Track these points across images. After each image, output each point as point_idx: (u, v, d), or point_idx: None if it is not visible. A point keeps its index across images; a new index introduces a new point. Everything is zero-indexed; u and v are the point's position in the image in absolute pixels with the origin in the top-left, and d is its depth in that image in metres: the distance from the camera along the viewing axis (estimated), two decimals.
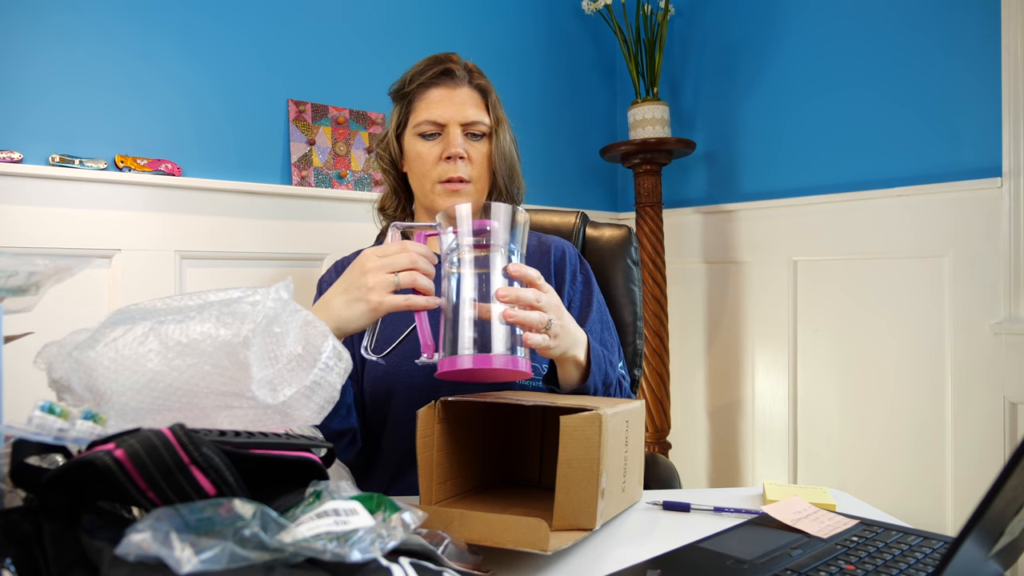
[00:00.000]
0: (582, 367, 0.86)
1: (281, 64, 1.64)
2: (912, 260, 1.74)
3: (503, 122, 1.07)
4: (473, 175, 1.03)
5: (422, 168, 1.03)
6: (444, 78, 1.03)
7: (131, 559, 0.36)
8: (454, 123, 1.02)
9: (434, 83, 1.04)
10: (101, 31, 1.39)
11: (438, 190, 1.03)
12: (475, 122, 1.03)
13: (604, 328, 1.04)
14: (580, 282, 1.06)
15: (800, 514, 0.70)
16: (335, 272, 1.09)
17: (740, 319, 2.13)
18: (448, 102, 1.02)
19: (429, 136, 1.03)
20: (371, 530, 0.42)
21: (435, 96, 1.03)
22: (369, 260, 0.77)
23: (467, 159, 1.02)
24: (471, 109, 1.03)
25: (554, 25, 2.28)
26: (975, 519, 0.38)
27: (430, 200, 1.04)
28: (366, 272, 0.77)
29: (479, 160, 1.04)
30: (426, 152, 1.03)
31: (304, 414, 0.55)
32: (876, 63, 1.83)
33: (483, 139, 1.05)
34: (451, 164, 1.01)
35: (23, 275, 0.49)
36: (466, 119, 1.02)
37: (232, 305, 0.53)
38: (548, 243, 1.09)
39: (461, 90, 1.04)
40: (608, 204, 2.49)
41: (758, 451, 2.08)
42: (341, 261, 1.12)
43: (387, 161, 1.10)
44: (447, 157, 1.01)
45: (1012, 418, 1.58)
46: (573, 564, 0.61)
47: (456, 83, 1.04)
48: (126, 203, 1.39)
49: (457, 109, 1.02)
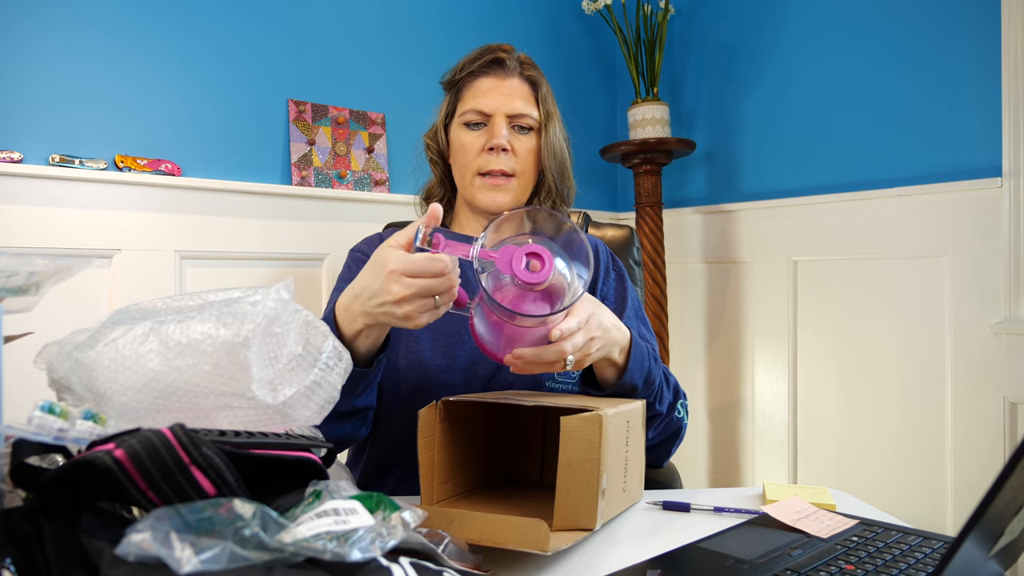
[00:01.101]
0: (618, 367, 0.83)
1: (281, 64, 1.64)
2: (912, 260, 1.74)
3: (553, 117, 1.03)
4: (517, 169, 1.00)
5: (464, 159, 1.00)
6: (494, 67, 1.00)
7: (131, 559, 0.36)
8: (500, 114, 0.98)
9: (484, 72, 1.00)
10: (101, 31, 1.39)
11: (477, 183, 1.00)
12: (522, 114, 0.99)
13: (641, 324, 1.01)
14: (613, 278, 1.05)
15: (800, 514, 0.70)
16: (372, 244, 1.06)
17: (740, 319, 2.13)
18: (496, 92, 0.99)
19: (474, 126, 1.00)
20: (371, 529, 0.42)
21: (483, 86, 1.00)
22: (396, 283, 0.68)
23: (511, 152, 0.99)
24: (519, 101, 1.00)
25: (554, 25, 2.28)
26: (975, 519, 0.38)
27: (470, 193, 1.01)
28: (399, 299, 0.68)
29: (524, 154, 1.00)
30: (469, 142, 0.99)
31: (304, 414, 0.55)
32: (876, 63, 1.83)
33: (530, 133, 1.01)
34: (493, 156, 0.98)
35: (23, 275, 0.49)
36: (513, 110, 0.99)
37: (232, 305, 0.53)
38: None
39: (511, 81, 1.00)
40: (608, 204, 2.49)
41: (758, 451, 2.08)
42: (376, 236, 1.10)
43: (434, 151, 1.07)
44: (489, 148, 0.98)
45: (1012, 418, 1.58)
46: (573, 564, 0.61)
47: (506, 73, 1.00)
48: (126, 203, 1.39)
49: (504, 100, 0.99)
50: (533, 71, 1.03)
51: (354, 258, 1.06)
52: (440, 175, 1.09)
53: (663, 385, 0.89)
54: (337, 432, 0.88)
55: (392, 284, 0.68)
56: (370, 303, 0.72)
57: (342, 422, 0.86)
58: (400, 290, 0.68)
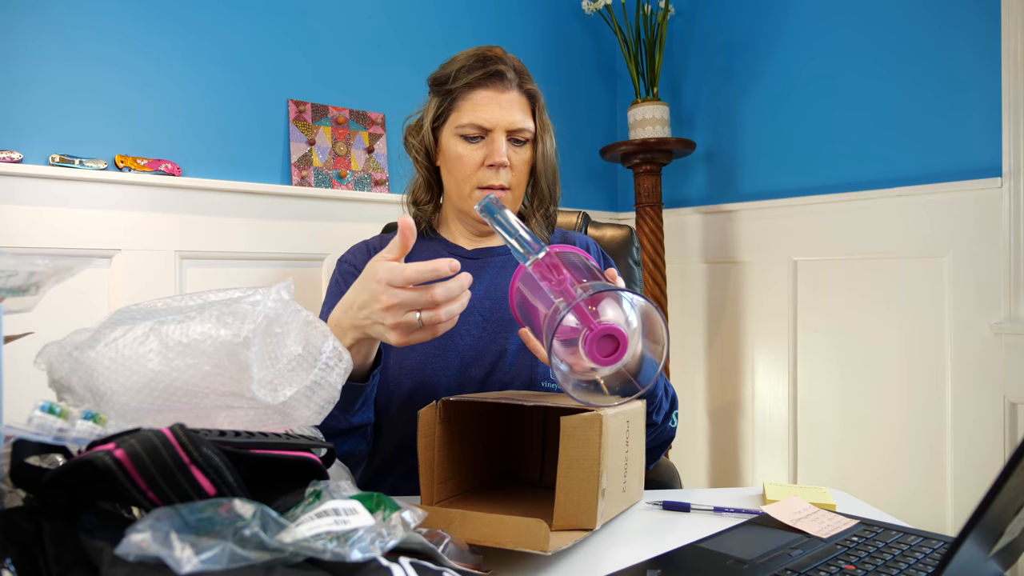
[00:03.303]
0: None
1: (281, 64, 1.64)
2: (912, 260, 1.74)
3: (548, 128, 1.04)
4: (513, 182, 1.01)
5: (462, 171, 1.00)
6: (494, 80, 0.98)
7: (131, 559, 0.36)
8: (500, 129, 0.98)
9: (482, 84, 0.99)
10: (101, 31, 1.39)
11: (476, 195, 1.00)
12: (521, 129, 0.99)
13: None
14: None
15: (800, 514, 0.70)
16: (359, 254, 1.07)
17: (740, 319, 2.13)
18: (496, 106, 0.98)
19: (472, 139, 0.99)
20: (371, 529, 0.42)
21: (482, 98, 0.98)
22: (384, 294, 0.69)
23: (509, 166, 0.99)
24: (518, 115, 0.99)
25: (554, 25, 2.28)
26: (975, 519, 0.38)
27: (467, 205, 1.01)
28: (386, 308, 0.69)
29: (519, 166, 1.01)
30: (468, 155, 0.99)
31: (304, 414, 0.55)
32: (876, 63, 1.83)
33: (526, 145, 1.02)
34: (492, 172, 0.98)
35: (23, 275, 0.49)
36: (512, 125, 0.98)
37: (232, 305, 0.53)
38: (572, 239, 1.11)
39: (509, 94, 0.99)
40: (608, 204, 2.49)
41: (758, 451, 2.08)
42: (363, 244, 1.10)
43: (420, 152, 1.05)
44: (490, 164, 0.98)
45: (1012, 418, 1.58)
46: (573, 564, 0.61)
47: (505, 86, 0.99)
48: (126, 203, 1.39)
49: (504, 114, 0.98)
50: (531, 84, 1.03)
51: (342, 270, 1.06)
52: (426, 175, 1.08)
53: (663, 397, 0.90)
54: (339, 450, 0.88)
55: (380, 294, 0.69)
56: (359, 314, 0.72)
57: (342, 439, 0.86)
58: (387, 299, 0.68)
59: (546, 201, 1.08)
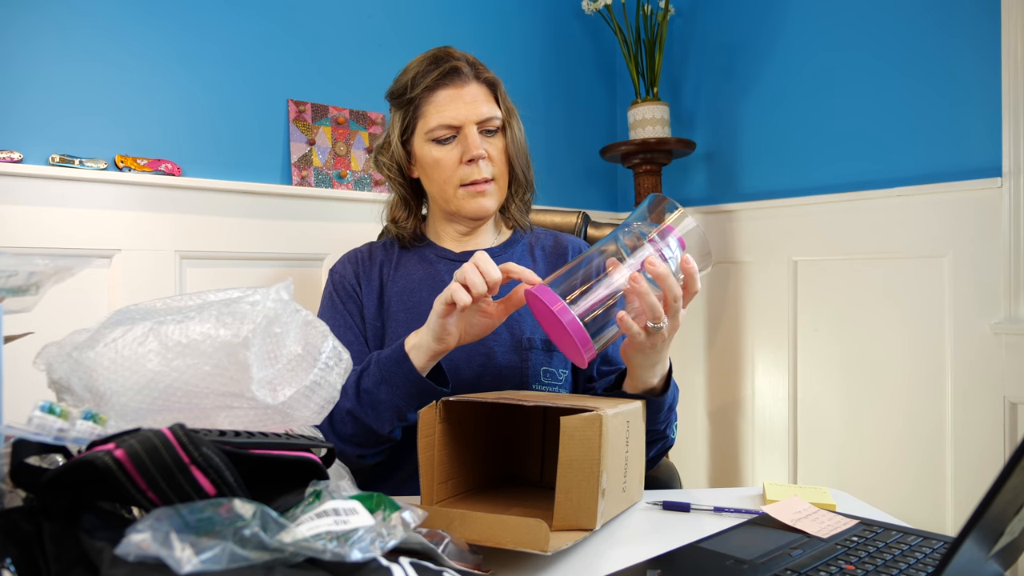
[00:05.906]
0: (656, 391, 0.84)
1: (281, 64, 1.64)
2: (912, 260, 1.74)
3: (513, 112, 1.04)
4: (496, 172, 1.01)
5: (442, 174, 1.00)
6: (451, 77, 0.98)
7: (131, 559, 0.36)
8: (469, 123, 0.98)
9: (440, 84, 0.99)
10: (101, 31, 1.39)
11: (461, 194, 1.00)
12: (489, 118, 0.99)
13: None
14: None
15: (800, 514, 0.70)
16: (348, 264, 1.08)
17: (740, 319, 2.13)
18: (459, 102, 0.98)
19: (444, 140, 0.99)
20: (371, 529, 0.42)
21: (443, 98, 0.98)
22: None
23: (487, 158, 1.00)
24: (483, 106, 0.99)
25: (554, 25, 2.28)
26: (975, 519, 0.38)
27: (455, 205, 1.01)
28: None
29: (498, 156, 1.01)
30: (444, 157, 0.99)
31: (304, 414, 0.55)
32: (876, 63, 1.83)
33: (497, 134, 1.02)
34: (473, 166, 0.99)
35: (23, 275, 0.49)
36: (480, 117, 0.99)
37: (232, 305, 0.53)
38: (565, 242, 1.11)
39: (469, 87, 0.99)
40: (608, 204, 2.49)
41: (758, 451, 2.08)
42: (352, 254, 1.11)
43: (393, 169, 1.05)
44: (468, 160, 0.98)
45: (1012, 418, 1.58)
46: (573, 564, 0.61)
47: (463, 80, 0.99)
48: (126, 203, 1.39)
49: (470, 108, 0.98)
50: (487, 72, 1.03)
51: (332, 280, 1.07)
52: (402, 192, 1.08)
53: (673, 407, 0.91)
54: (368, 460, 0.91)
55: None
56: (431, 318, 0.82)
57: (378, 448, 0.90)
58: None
59: (523, 186, 1.08)
